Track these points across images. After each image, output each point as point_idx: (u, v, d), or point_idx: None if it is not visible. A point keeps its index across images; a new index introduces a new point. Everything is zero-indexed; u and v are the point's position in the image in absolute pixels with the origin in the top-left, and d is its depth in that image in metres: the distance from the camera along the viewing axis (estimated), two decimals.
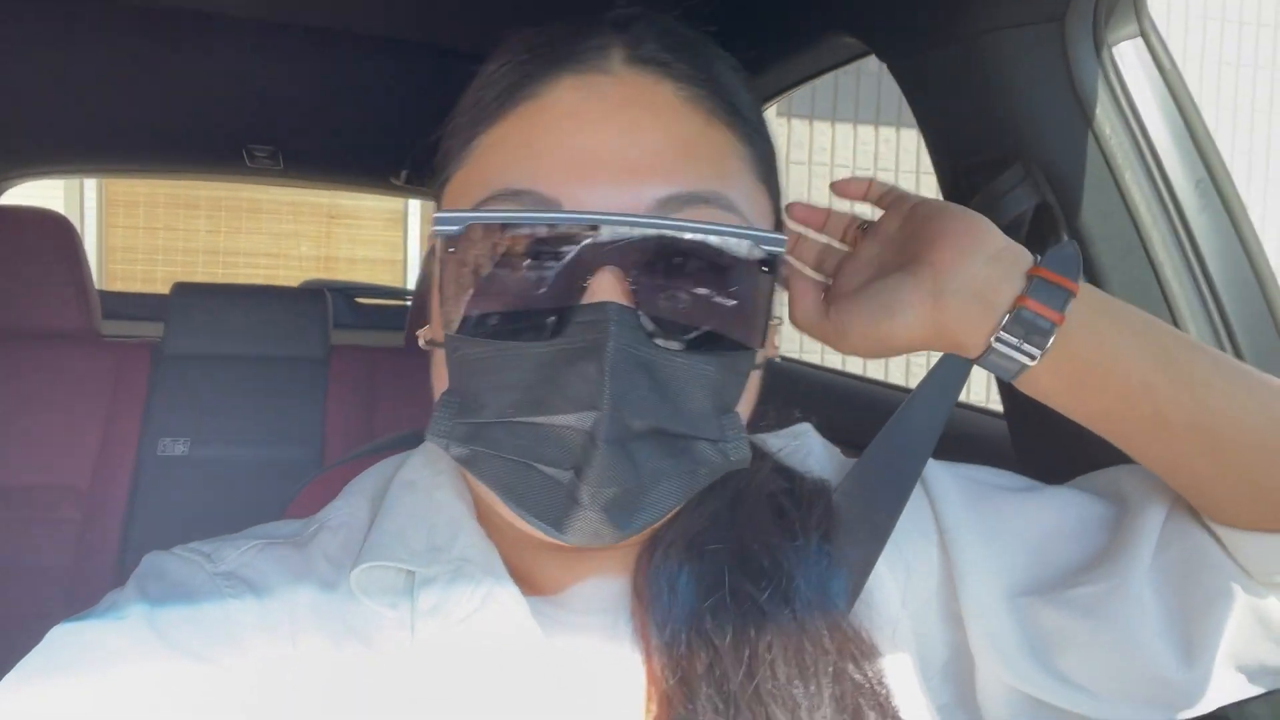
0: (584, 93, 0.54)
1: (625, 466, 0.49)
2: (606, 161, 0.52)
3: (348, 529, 0.62)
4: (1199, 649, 0.60)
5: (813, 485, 0.65)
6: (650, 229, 0.50)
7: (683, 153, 0.53)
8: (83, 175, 5.03)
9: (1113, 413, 0.60)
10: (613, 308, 0.49)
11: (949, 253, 0.59)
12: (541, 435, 0.50)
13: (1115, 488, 0.68)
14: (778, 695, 0.54)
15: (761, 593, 0.57)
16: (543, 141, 0.53)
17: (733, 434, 0.54)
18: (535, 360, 0.50)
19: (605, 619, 0.59)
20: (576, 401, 0.49)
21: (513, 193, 0.52)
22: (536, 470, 0.51)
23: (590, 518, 0.49)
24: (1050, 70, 0.79)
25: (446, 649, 0.55)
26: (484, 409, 0.52)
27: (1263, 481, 0.58)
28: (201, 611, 0.53)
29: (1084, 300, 0.58)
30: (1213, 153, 0.78)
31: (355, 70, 1.75)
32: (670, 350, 0.51)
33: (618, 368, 0.48)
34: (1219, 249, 0.77)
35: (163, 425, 1.99)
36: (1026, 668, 0.62)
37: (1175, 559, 0.62)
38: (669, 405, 0.51)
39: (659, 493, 0.52)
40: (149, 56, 1.68)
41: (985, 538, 0.65)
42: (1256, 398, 0.58)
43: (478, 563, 0.58)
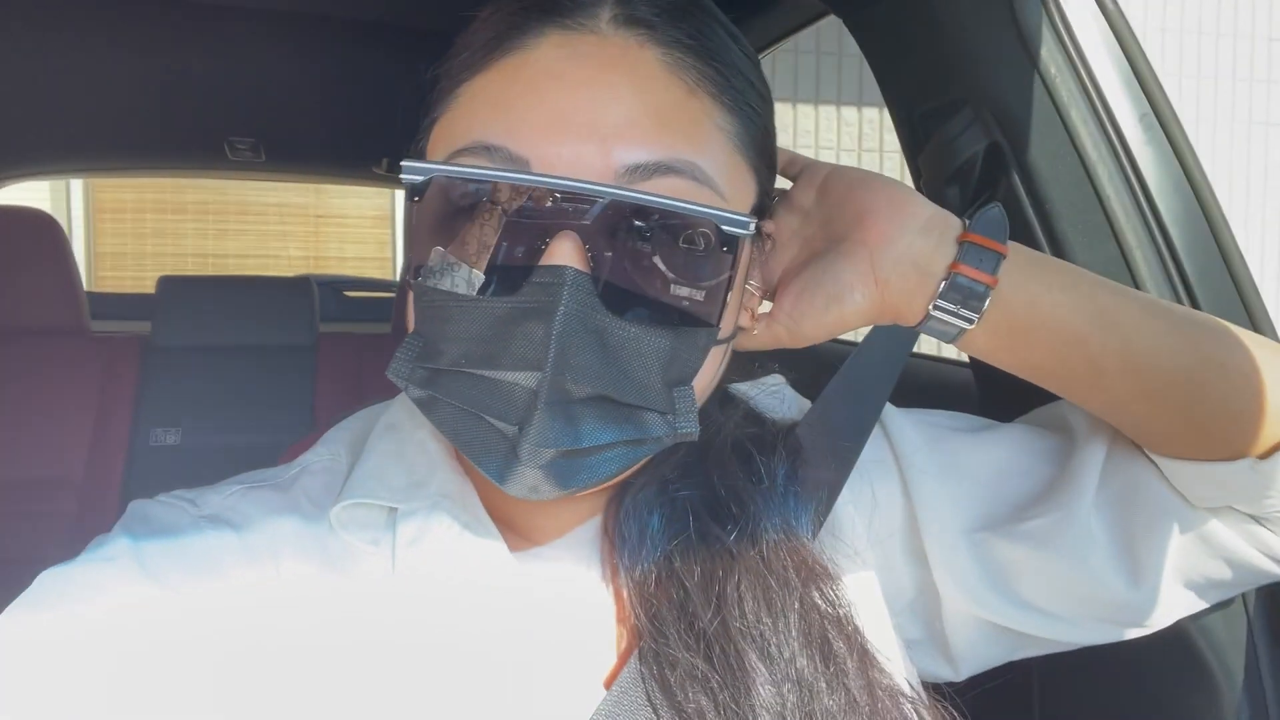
0: (566, 51, 0.53)
1: (563, 429, 0.50)
2: (579, 124, 0.51)
3: (329, 473, 0.63)
4: (1145, 570, 0.63)
5: (779, 428, 0.67)
6: (609, 196, 0.49)
7: (657, 120, 0.53)
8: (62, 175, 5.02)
9: (1048, 365, 0.62)
10: (568, 272, 0.49)
11: (880, 228, 0.60)
12: (489, 388, 0.51)
13: (1062, 421, 0.71)
14: (746, 632, 0.55)
15: (729, 534, 0.58)
16: (520, 99, 0.53)
17: (683, 407, 0.54)
18: (489, 315, 0.51)
19: (580, 553, 0.61)
20: (522, 360, 0.50)
21: (484, 147, 0.52)
22: (484, 421, 0.52)
23: (528, 474, 0.51)
24: (996, 12, 0.80)
25: (425, 579, 0.57)
26: (440, 356, 0.53)
27: (1194, 416, 0.60)
28: (187, 548, 0.55)
29: (1014, 261, 0.59)
30: (1155, 88, 0.80)
31: (334, 57, 1.75)
32: (622, 319, 0.51)
33: (565, 332, 0.49)
34: (1164, 181, 0.79)
35: (154, 416, 2.01)
36: (989, 597, 0.65)
37: (1119, 488, 0.65)
38: (616, 373, 0.51)
39: (600, 459, 0.53)
40: (126, 49, 1.69)
41: (942, 477, 0.67)
42: (1185, 336, 0.60)
43: (455, 498, 0.60)
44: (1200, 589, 0.65)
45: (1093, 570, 0.63)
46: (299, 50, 1.71)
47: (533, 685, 0.55)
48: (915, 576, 0.68)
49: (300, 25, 1.56)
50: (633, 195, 0.50)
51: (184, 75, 1.82)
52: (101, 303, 2.29)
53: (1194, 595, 0.65)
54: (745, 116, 0.58)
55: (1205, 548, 0.63)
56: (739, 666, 0.54)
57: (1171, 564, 0.63)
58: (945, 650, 0.69)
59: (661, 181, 0.52)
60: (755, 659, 0.55)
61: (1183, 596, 0.65)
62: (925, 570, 0.67)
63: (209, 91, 1.92)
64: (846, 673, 0.56)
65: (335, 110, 2.07)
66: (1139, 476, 0.65)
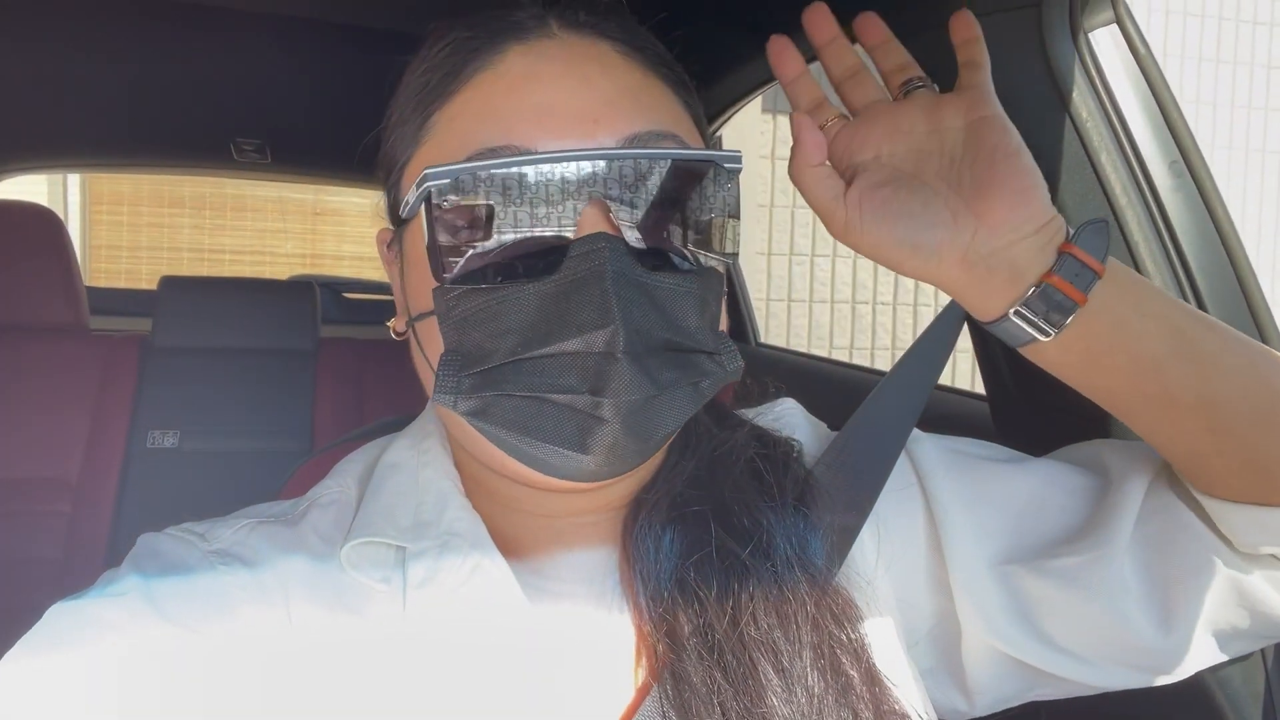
0: (533, 56, 0.57)
1: (644, 378, 0.52)
2: (568, 113, 0.55)
3: (338, 506, 0.63)
4: (1177, 617, 0.62)
5: (785, 447, 0.67)
6: (627, 160, 0.53)
7: (632, 99, 0.57)
8: (68, 170, 4.99)
9: (1119, 389, 0.61)
10: (603, 237, 0.52)
11: (1000, 213, 0.56)
12: (554, 365, 0.53)
13: (1097, 460, 0.70)
14: (760, 643, 0.56)
15: (743, 549, 0.59)
16: (505, 102, 0.56)
17: (725, 347, 0.58)
18: (536, 297, 0.53)
19: (592, 588, 0.61)
20: (587, 325, 0.51)
21: (489, 150, 0.54)
22: (549, 402, 0.53)
23: (613, 432, 0.52)
24: (1028, 56, 0.80)
25: (437, 620, 0.56)
26: (489, 355, 0.54)
27: (1260, 456, 0.58)
28: (197, 586, 0.54)
29: (1108, 281, 0.57)
30: (1186, 134, 0.80)
31: (344, 63, 1.75)
32: (659, 272, 0.54)
33: (621, 288, 0.52)
34: (1192, 228, 0.79)
35: (152, 418, 1.99)
36: (1011, 632, 0.64)
37: (1156, 531, 0.64)
38: (669, 321, 0.54)
39: (674, 402, 0.55)
40: (134, 49, 1.68)
41: (970, 506, 0.66)
42: (1261, 373, 0.58)
43: (465, 536, 0.59)
44: (1226, 639, 0.64)
45: (1123, 614, 0.62)
46: (308, 55, 1.70)
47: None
48: (936, 605, 0.67)
49: (309, 31, 1.55)
50: (650, 152, 0.54)
51: (192, 76, 1.81)
52: (96, 297, 2.26)
53: (1219, 646, 0.65)
54: (687, 98, 0.63)
55: (1239, 597, 0.62)
56: (752, 676, 0.55)
57: (1205, 612, 0.62)
58: (961, 682, 0.68)
59: (657, 145, 0.56)
60: (769, 669, 0.55)
61: (1209, 646, 0.64)
62: (947, 599, 0.66)
63: (216, 93, 1.91)
64: (855, 691, 0.56)
65: (343, 115, 2.06)
66: (1179, 519, 0.64)
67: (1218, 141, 5.42)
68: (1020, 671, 0.66)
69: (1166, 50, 5.31)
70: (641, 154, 0.54)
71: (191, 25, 1.54)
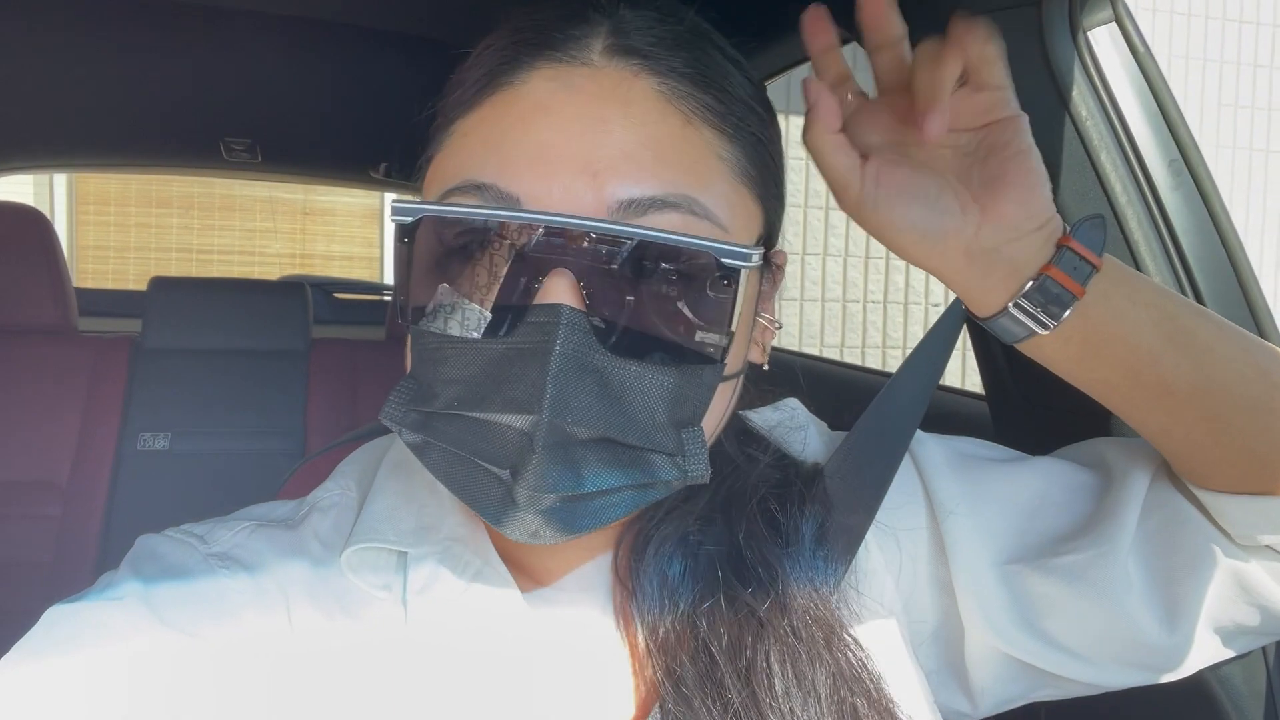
0: (557, 84, 0.52)
1: (563, 473, 0.48)
2: (570, 159, 0.50)
3: (338, 510, 0.62)
4: (1181, 614, 0.62)
5: (806, 476, 0.65)
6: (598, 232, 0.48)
7: (652, 153, 0.51)
8: (55, 170, 4.96)
9: (1115, 381, 0.61)
10: (564, 310, 0.48)
11: (1006, 209, 0.56)
12: (482, 431, 0.50)
13: (1098, 458, 0.70)
14: (776, 708, 0.54)
15: (758, 601, 0.57)
16: (510, 134, 0.51)
17: (693, 449, 0.52)
18: (483, 356, 0.50)
19: (594, 597, 0.60)
20: (516, 403, 0.48)
21: (474, 185, 0.51)
22: (477, 465, 0.50)
23: (528, 519, 0.49)
24: (1027, 54, 0.80)
25: (438, 627, 0.56)
26: (434, 399, 0.52)
27: (1255, 445, 0.59)
28: (196, 590, 0.53)
29: (1105, 274, 0.57)
30: (1185, 133, 0.80)
31: (335, 62, 1.74)
32: (622, 358, 0.49)
33: (562, 372, 0.47)
34: (1191, 226, 0.79)
35: (143, 420, 1.98)
36: (1014, 633, 0.64)
37: (1157, 526, 0.64)
38: (618, 414, 0.49)
39: (604, 503, 0.51)
40: (123, 47, 1.66)
41: (973, 507, 0.66)
42: (1255, 361, 0.59)
43: (466, 543, 0.58)
44: (1230, 636, 0.64)
45: (1127, 610, 0.62)
46: (298, 54, 1.70)
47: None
48: (939, 606, 0.67)
49: (300, 29, 1.55)
50: (624, 229, 0.48)
51: (181, 75, 1.80)
52: (84, 298, 2.25)
53: (1222, 642, 0.65)
54: (747, 144, 0.56)
55: (1242, 591, 0.62)
56: None
57: (1208, 607, 0.62)
58: (965, 684, 0.68)
59: (657, 217, 0.50)
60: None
61: (1212, 643, 0.64)
62: (950, 600, 0.66)
63: (206, 92, 1.90)
64: None
65: (333, 114, 2.06)
66: (1180, 514, 0.64)
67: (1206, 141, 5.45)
68: (1023, 672, 0.66)
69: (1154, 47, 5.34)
70: (621, 230, 0.48)
71: (181, 24, 1.53)
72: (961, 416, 1.19)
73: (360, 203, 6.47)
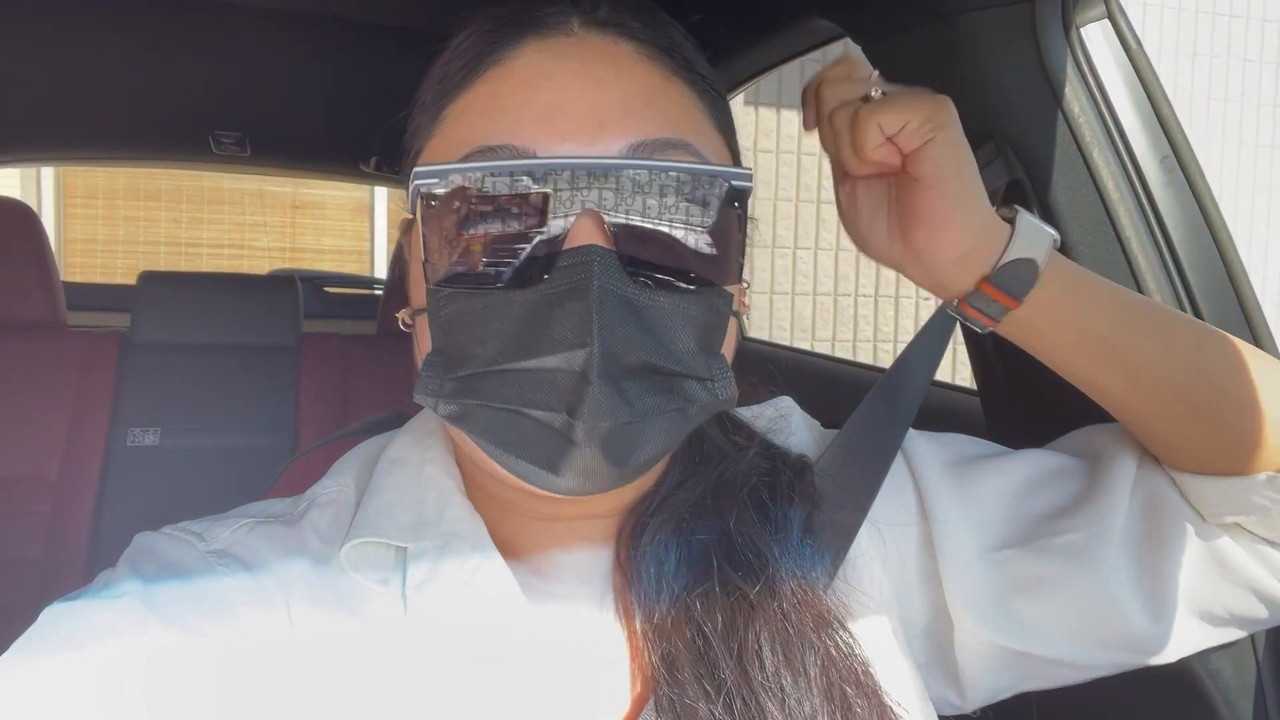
0: (548, 54, 0.56)
1: (618, 402, 0.50)
2: (576, 114, 0.53)
3: (337, 506, 0.62)
4: (1164, 591, 0.63)
5: (794, 466, 0.66)
6: (625, 170, 0.51)
7: (645, 103, 0.55)
8: (42, 163, 4.92)
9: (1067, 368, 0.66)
10: (595, 249, 0.50)
11: (918, 243, 0.63)
12: (531, 380, 0.51)
13: (1087, 444, 0.72)
14: (767, 685, 0.55)
15: (749, 584, 0.58)
16: (512, 100, 0.54)
17: (720, 373, 0.55)
18: (520, 306, 0.51)
19: (592, 589, 0.61)
20: (565, 342, 0.50)
21: (488, 149, 0.53)
22: (527, 417, 0.52)
23: (586, 456, 0.50)
24: (1021, 51, 0.80)
25: (437, 622, 0.56)
26: (470, 360, 0.53)
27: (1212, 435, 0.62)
28: (196, 588, 0.53)
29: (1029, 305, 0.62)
30: (1177, 130, 0.80)
31: (324, 55, 1.73)
32: (652, 290, 0.52)
33: (604, 305, 0.50)
34: (1183, 222, 0.79)
35: (132, 415, 1.97)
36: (1002, 620, 0.65)
37: (1142, 505, 0.66)
38: (656, 343, 0.52)
39: (653, 430, 0.52)
40: (112, 41, 1.65)
41: (964, 501, 0.67)
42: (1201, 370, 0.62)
43: (466, 537, 0.59)
44: (1216, 620, 0.66)
45: (1113, 588, 0.63)
46: (287, 47, 1.69)
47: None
48: (929, 600, 0.68)
49: (289, 23, 1.54)
50: (653, 164, 0.52)
51: (170, 69, 1.78)
52: (73, 292, 2.23)
53: (1210, 627, 0.66)
54: (713, 102, 0.61)
55: (1222, 571, 0.64)
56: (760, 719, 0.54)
57: (1188, 586, 0.63)
58: (954, 677, 0.68)
59: (663, 156, 0.54)
60: (776, 712, 0.54)
61: (1198, 627, 0.65)
62: (939, 594, 0.67)
63: (195, 85, 1.89)
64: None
65: (322, 107, 2.05)
66: (1160, 492, 0.66)
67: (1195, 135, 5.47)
68: (1013, 662, 0.67)
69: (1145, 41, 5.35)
70: (641, 164, 0.52)
71: (169, 17, 1.52)
72: (954, 412, 1.20)
73: (350, 196, 6.44)
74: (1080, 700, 0.70)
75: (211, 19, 1.52)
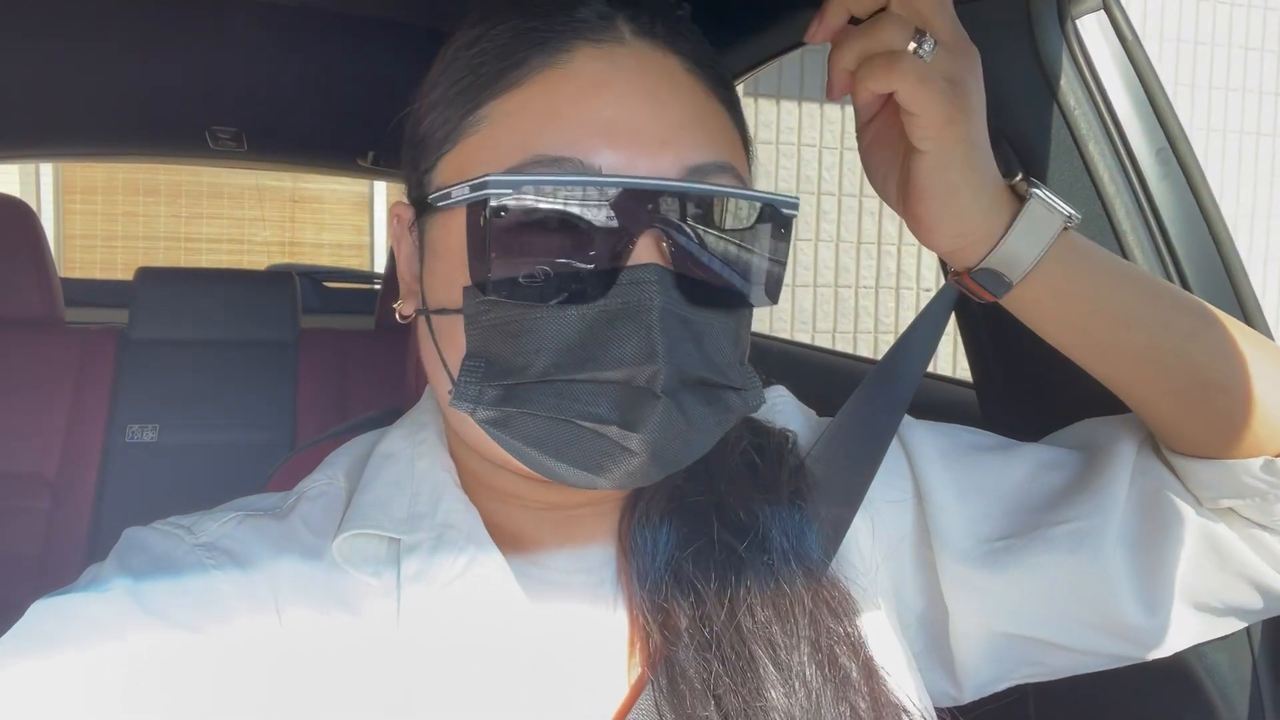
0: (605, 63, 0.55)
1: (678, 415, 0.52)
2: (637, 131, 0.53)
3: (327, 499, 0.62)
4: (1160, 579, 0.63)
5: (779, 438, 0.67)
6: (693, 194, 0.53)
7: (699, 123, 0.55)
8: (40, 160, 4.92)
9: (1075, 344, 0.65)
10: (655, 268, 0.52)
11: (922, 212, 0.61)
12: (587, 392, 0.52)
13: (1085, 436, 0.72)
14: (757, 635, 0.56)
15: (740, 543, 0.59)
16: (572, 109, 0.53)
17: (751, 383, 0.59)
18: (579, 321, 0.52)
19: (590, 578, 0.61)
20: (631, 358, 0.51)
21: (551, 159, 0.52)
22: (576, 426, 0.52)
23: (637, 463, 0.52)
24: (1016, 43, 0.80)
25: (431, 614, 0.56)
26: (522, 370, 0.53)
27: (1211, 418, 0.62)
28: (184, 583, 0.53)
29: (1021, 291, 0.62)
30: (1173, 122, 0.80)
31: (319, 50, 1.72)
32: (702, 308, 0.54)
33: (667, 324, 0.51)
34: (1179, 216, 0.79)
35: (130, 411, 1.97)
36: (998, 607, 0.65)
37: (1140, 493, 0.66)
38: (706, 357, 0.55)
39: (700, 438, 0.56)
40: (105, 36, 1.64)
41: (960, 492, 0.67)
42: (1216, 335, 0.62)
43: (460, 528, 0.58)
44: (1212, 611, 0.65)
45: (1110, 579, 0.63)
46: (282, 41, 1.68)
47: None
48: (923, 588, 0.68)
49: (283, 16, 1.53)
50: (714, 189, 0.54)
51: (164, 63, 1.77)
52: (72, 288, 2.23)
53: (1206, 618, 0.65)
54: (739, 119, 0.61)
55: (1219, 559, 0.63)
56: (750, 670, 0.55)
57: (1185, 577, 0.63)
58: (950, 666, 0.69)
59: (717, 178, 0.55)
60: (767, 662, 0.55)
61: (1195, 619, 0.65)
62: (935, 582, 0.67)
63: (189, 80, 1.88)
64: (852, 684, 0.56)
65: (319, 102, 2.04)
66: (1158, 480, 0.66)
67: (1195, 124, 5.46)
68: (1008, 649, 0.67)
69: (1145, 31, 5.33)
70: (708, 190, 0.54)
71: (163, 11, 1.51)
72: (950, 404, 1.19)
73: (350, 190, 6.43)
74: (1076, 692, 0.70)
75: (205, 13, 1.51)
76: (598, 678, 0.58)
